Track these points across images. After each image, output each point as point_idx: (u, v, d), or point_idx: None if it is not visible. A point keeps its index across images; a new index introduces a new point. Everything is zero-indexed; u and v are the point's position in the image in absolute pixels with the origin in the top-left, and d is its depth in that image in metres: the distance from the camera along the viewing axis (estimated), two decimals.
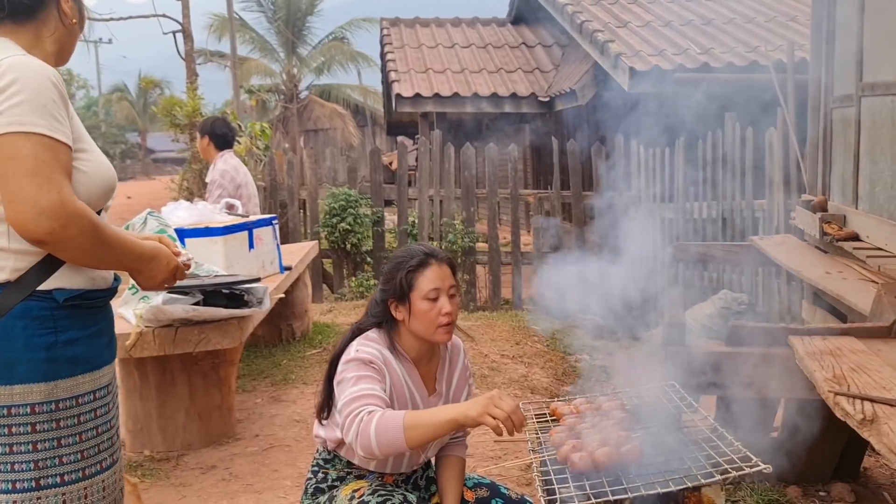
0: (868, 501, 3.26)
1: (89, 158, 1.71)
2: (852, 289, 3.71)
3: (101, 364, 1.77)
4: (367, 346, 2.14)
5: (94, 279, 1.74)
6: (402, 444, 1.88)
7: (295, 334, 5.89)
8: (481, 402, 1.85)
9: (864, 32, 4.36)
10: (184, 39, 10.70)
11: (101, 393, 1.77)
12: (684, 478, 1.82)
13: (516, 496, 2.33)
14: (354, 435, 1.92)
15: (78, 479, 1.70)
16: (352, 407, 1.97)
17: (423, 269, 2.13)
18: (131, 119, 42.91)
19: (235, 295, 3.77)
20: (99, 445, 1.75)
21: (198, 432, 4.01)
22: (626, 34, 9.44)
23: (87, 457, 1.72)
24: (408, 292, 2.12)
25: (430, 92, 11.50)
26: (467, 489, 2.32)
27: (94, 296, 1.74)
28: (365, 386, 2.02)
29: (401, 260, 2.18)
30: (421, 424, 1.88)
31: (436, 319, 2.11)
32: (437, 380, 2.28)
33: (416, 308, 2.12)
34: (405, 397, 2.17)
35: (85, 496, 1.71)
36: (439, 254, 2.19)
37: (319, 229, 8.68)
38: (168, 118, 8.63)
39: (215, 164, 5.47)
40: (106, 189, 1.75)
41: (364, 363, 2.08)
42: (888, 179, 4.07)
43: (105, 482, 1.76)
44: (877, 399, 2.21)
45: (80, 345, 1.70)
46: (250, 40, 26.21)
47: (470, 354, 5.58)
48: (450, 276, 2.16)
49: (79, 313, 1.71)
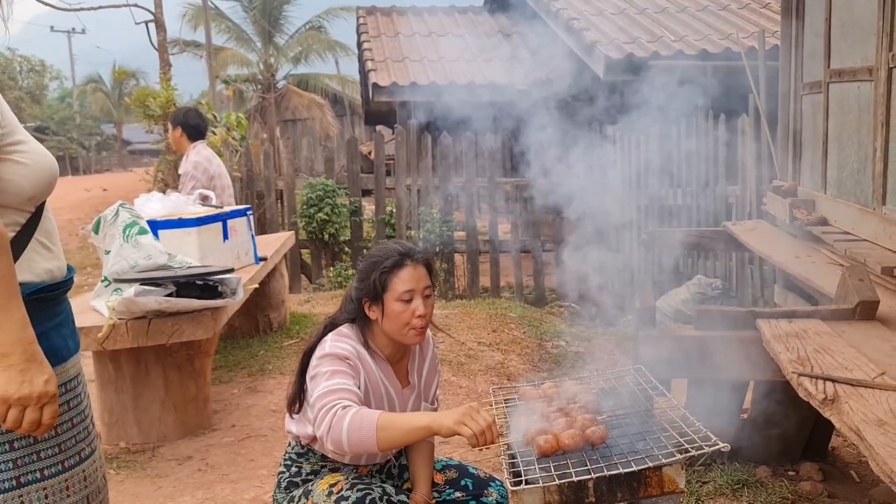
0: (836, 480, 3.33)
1: (29, 150, 1.65)
2: (820, 272, 3.77)
3: (68, 355, 1.75)
4: (342, 341, 2.13)
5: (51, 271, 1.72)
6: (373, 445, 1.87)
7: (272, 325, 5.89)
8: (458, 413, 1.82)
9: (832, 20, 4.41)
10: (156, 29, 10.60)
11: (72, 384, 1.75)
12: (646, 458, 1.86)
13: (485, 475, 2.37)
14: (326, 429, 1.91)
15: (58, 472, 1.68)
16: (325, 400, 1.96)
17: (398, 271, 2.11)
18: (106, 110, 42.32)
19: (209, 286, 3.76)
20: (76, 436, 1.74)
21: (174, 424, 4.01)
22: (602, 22, 9.47)
23: (65, 449, 1.70)
24: (381, 293, 2.11)
25: (407, 81, 11.45)
26: (436, 472, 2.34)
27: (55, 287, 1.72)
28: (339, 381, 2.01)
29: (376, 259, 2.15)
30: (394, 427, 1.85)
31: (409, 321, 2.10)
32: (409, 372, 2.30)
33: (390, 309, 2.11)
34: (380, 392, 2.18)
35: (66, 488, 1.70)
36: (415, 253, 2.16)
37: (297, 220, 8.65)
38: (141, 109, 8.52)
39: (188, 156, 5.43)
40: (50, 180, 1.70)
41: (339, 358, 2.07)
42: (855, 165, 4.14)
43: (86, 471, 1.75)
44: (838, 379, 2.26)
45: (47, 338, 1.68)
46: (226, 30, 25.95)
47: (447, 342, 5.61)
48: (425, 277, 2.15)
49: (43, 306, 1.68)
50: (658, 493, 1.86)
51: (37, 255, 1.68)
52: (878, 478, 2.84)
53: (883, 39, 3.69)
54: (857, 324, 2.92)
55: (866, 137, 3.96)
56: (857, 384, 2.21)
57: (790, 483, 3.20)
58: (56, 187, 1.79)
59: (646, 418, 2.15)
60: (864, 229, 3.91)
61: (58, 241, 1.77)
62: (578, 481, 1.82)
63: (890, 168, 3.71)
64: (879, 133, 3.75)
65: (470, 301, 7.63)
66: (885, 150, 3.72)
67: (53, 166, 1.72)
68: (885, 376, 2.26)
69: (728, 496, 3.10)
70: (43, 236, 1.71)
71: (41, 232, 1.70)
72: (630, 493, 1.87)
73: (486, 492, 2.31)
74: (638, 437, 2.02)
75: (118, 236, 3.76)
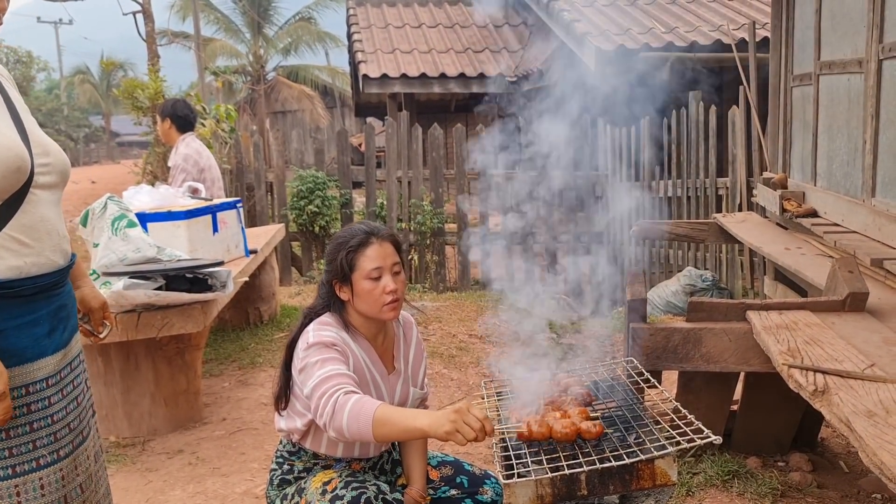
0: (825, 470, 3.36)
1: None
2: (810, 264, 3.78)
3: (35, 356, 1.68)
4: (325, 329, 2.12)
5: (20, 268, 1.64)
6: (370, 436, 1.87)
7: (262, 318, 5.87)
8: (450, 420, 1.78)
9: (822, 11, 4.41)
10: (144, 20, 10.51)
11: (37, 387, 1.68)
12: (638, 450, 1.86)
13: (480, 471, 2.36)
14: (329, 416, 1.90)
15: (7, 476, 1.63)
16: (325, 388, 1.95)
17: (364, 249, 2.12)
18: (95, 102, 42.03)
19: (198, 279, 3.74)
20: (35, 442, 1.67)
21: (164, 417, 3.99)
22: (592, 13, 9.45)
23: (18, 454, 1.64)
24: (349, 273, 2.12)
25: (398, 72, 11.42)
26: (432, 468, 2.34)
27: (21, 284, 1.64)
28: (332, 367, 2.00)
29: (341, 240, 2.16)
30: (390, 423, 1.85)
31: (380, 298, 2.11)
32: (394, 357, 2.29)
33: (359, 287, 2.11)
34: (366, 378, 2.17)
35: (17, 493, 1.64)
36: (381, 231, 2.17)
37: (287, 212, 8.62)
38: (130, 101, 8.46)
39: (177, 149, 5.39)
40: (4, 171, 1.58)
41: (326, 346, 2.06)
42: (844, 156, 4.15)
43: (44, 480, 1.68)
44: (828, 371, 2.27)
45: (5, 336, 1.61)
46: (215, 20, 25.80)
47: (439, 334, 5.61)
48: (392, 254, 2.15)
49: (4, 304, 1.61)
50: (650, 485, 1.86)
51: (4, 251, 1.61)
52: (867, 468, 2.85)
53: (873, 31, 3.69)
54: (846, 315, 2.92)
55: (856, 129, 3.96)
56: (847, 375, 2.22)
57: (780, 473, 3.22)
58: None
59: (636, 410, 2.15)
60: (854, 221, 3.93)
61: (45, 237, 1.70)
62: (570, 474, 1.82)
63: (879, 160, 3.72)
64: (869, 125, 3.76)
65: (461, 293, 7.64)
66: (875, 141, 3.73)
67: (12, 159, 1.60)
68: (874, 368, 2.27)
69: (719, 487, 3.12)
70: (17, 231, 1.63)
71: (15, 227, 1.63)
72: (622, 485, 1.88)
73: (482, 489, 2.30)
74: (629, 429, 2.02)
75: (107, 229, 3.73)
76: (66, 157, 1.84)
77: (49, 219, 1.72)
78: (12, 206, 1.63)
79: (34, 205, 1.68)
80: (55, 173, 1.76)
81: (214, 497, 3.29)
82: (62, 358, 1.77)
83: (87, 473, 1.82)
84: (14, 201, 1.63)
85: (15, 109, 1.72)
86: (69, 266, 1.80)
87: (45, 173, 1.72)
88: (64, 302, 1.79)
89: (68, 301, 1.81)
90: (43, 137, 1.76)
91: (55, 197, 1.76)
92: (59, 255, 1.75)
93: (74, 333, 1.86)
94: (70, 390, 1.80)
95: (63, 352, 1.78)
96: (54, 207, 1.76)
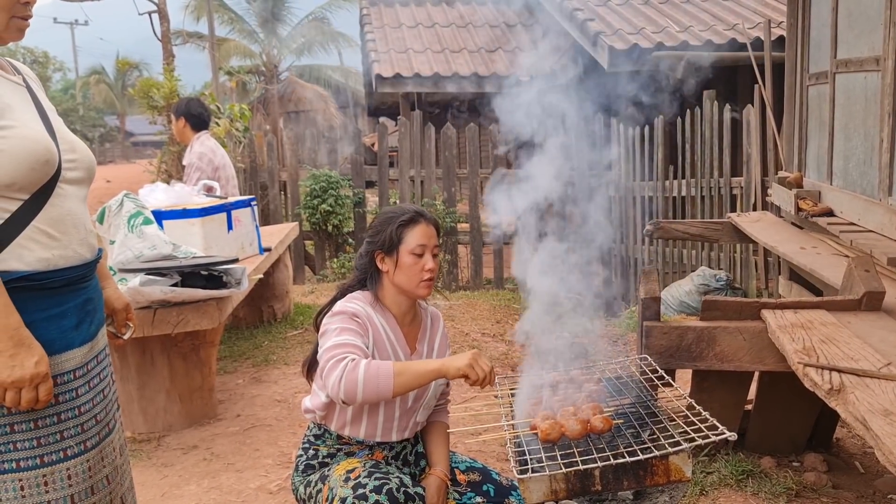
0: (840, 470, 3.33)
1: (11, 135, 1.60)
2: (825, 263, 3.76)
3: (62, 348, 1.70)
4: (352, 301, 2.22)
5: (47, 259, 1.66)
6: (389, 391, 1.95)
7: (276, 315, 5.90)
8: (467, 357, 1.97)
9: (839, 9, 4.39)
10: (160, 20, 10.58)
11: (64, 378, 1.70)
12: (653, 446, 1.85)
13: (507, 482, 2.36)
14: (338, 378, 1.96)
15: (35, 465, 1.65)
16: (335, 352, 2.03)
17: (413, 226, 2.23)
18: (110, 102, 42.33)
19: (213, 276, 3.77)
20: (62, 433, 1.69)
21: (179, 413, 4.02)
22: (606, 12, 9.42)
23: (45, 444, 1.67)
24: (397, 244, 2.22)
25: (411, 72, 11.42)
26: (460, 472, 2.36)
27: (49, 276, 1.66)
28: (348, 337, 2.08)
29: (392, 215, 2.27)
30: (408, 372, 1.97)
31: (419, 274, 2.22)
32: (418, 340, 2.34)
33: (403, 261, 2.21)
34: (387, 351, 2.22)
35: (45, 483, 1.66)
36: (427, 214, 2.30)
37: (300, 211, 8.65)
38: (145, 100, 8.53)
39: (192, 147, 5.42)
40: (34, 166, 1.62)
41: (349, 316, 2.15)
42: (861, 155, 4.12)
43: (71, 470, 1.70)
44: (844, 369, 2.26)
45: (35, 328, 1.63)
46: (229, 21, 25.92)
47: (451, 333, 5.61)
48: (434, 236, 2.27)
49: (34, 295, 1.64)
50: (664, 481, 1.86)
51: (33, 244, 1.64)
52: (883, 468, 2.83)
53: (890, 29, 3.66)
54: (862, 314, 2.91)
55: (873, 128, 3.94)
56: (863, 374, 2.20)
57: (795, 474, 3.20)
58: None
59: (651, 407, 2.14)
60: (870, 220, 3.90)
61: (72, 230, 1.73)
62: (585, 469, 1.82)
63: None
64: (886, 123, 3.73)
65: (474, 292, 7.64)
66: (892, 140, 3.70)
67: (38, 149, 1.63)
68: (891, 366, 2.26)
69: (733, 486, 3.10)
70: (45, 224, 1.66)
71: (43, 220, 1.66)
72: (636, 481, 1.87)
73: (507, 501, 2.30)
74: (644, 425, 2.02)
75: (123, 226, 3.76)
76: (93, 156, 1.87)
77: (76, 213, 1.75)
78: (40, 200, 1.66)
79: (62, 199, 1.71)
80: (82, 169, 1.79)
81: (229, 492, 3.31)
82: (89, 350, 1.80)
83: (113, 465, 1.84)
84: (42, 195, 1.66)
85: (42, 108, 1.75)
86: (95, 260, 1.82)
87: (72, 169, 1.75)
88: (90, 295, 1.81)
89: (95, 295, 1.84)
90: (69, 135, 1.80)
91: (82, 193, 1.79)
92: (86, 248, 1.78)
93: (101, 327, 1.88)
94: (97, 383, 1.82)
95: (90, 344, 1.80)
96: (81, 203, 1.79)
